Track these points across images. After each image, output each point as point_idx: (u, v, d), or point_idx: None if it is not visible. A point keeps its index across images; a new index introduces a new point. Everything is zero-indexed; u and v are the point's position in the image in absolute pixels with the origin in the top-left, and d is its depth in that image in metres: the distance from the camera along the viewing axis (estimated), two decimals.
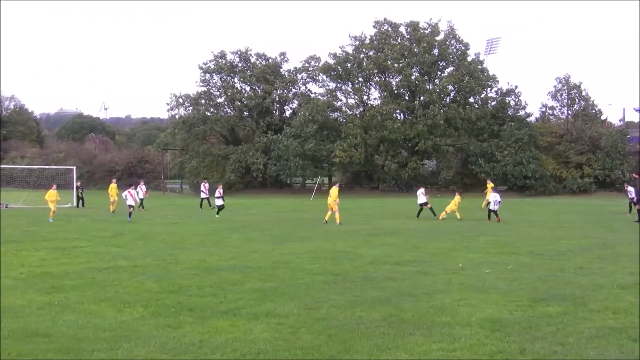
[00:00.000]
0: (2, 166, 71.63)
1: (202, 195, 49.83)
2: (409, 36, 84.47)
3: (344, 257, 19.86)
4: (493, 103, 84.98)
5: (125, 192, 36.16)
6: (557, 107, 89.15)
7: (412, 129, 78.97)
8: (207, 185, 51.06)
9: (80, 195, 49.67)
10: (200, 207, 47.77)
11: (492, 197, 35.73)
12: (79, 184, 51.82)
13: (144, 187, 47.26)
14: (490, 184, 42.61)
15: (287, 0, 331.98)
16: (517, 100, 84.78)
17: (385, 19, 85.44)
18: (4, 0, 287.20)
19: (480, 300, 12.83)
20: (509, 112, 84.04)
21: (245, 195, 73.78)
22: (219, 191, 40.62)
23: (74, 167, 58.96)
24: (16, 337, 10.10)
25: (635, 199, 37.95)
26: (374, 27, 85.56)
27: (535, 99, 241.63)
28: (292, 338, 10.08)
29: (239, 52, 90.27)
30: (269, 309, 12.14)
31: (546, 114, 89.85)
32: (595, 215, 39.64)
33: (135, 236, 26.50)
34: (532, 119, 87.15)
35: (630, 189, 40.52)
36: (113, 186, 43.60)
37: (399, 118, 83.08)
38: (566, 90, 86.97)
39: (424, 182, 79.55)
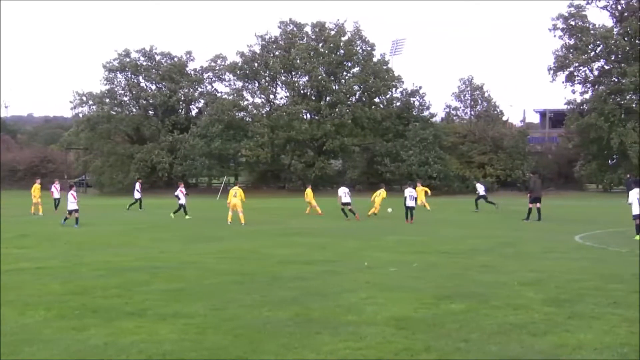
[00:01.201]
0: None
1: (137, 195, 48.45)
2: (314, 36, 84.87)
3: (251, 257, 19.85)
4: (398, 103, 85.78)
5: (68, 194, 34.28)
6: (460, 107, 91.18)
7: (319, 128, 79.27)
8: (139, 184, 49.74)
9: None
10: (140, 207, 46.62)
11: (408, 192, 35.34)
12: None
13: (58, 186, 45.95)
14: (421, 187, 43.82)
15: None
16: (421, 100, 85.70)
17: (290, 19, 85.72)
18: None
19: (386, 299, 12.98)
20: (414, 113, 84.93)
21: (151, 195, 72.69)
22: (180, 190, 39.36)
23: None
24: None
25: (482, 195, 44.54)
26: (279, 27, 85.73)
27: (439, 100, 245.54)
28: (199, 339, 10.03)
29: (143, 51, 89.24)
30: (176, 309, 12.03)
31: (450, 114, 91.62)
32: (497, 215, 40.54)
33: (39, 237, 25.93)
34: (436, 119, 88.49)
35: (479, 186, 46.40)
36: (37, 187, 42.48)
37: (306, 118, 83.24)
38: (469, 91, 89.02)
39: (330, 182, 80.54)
